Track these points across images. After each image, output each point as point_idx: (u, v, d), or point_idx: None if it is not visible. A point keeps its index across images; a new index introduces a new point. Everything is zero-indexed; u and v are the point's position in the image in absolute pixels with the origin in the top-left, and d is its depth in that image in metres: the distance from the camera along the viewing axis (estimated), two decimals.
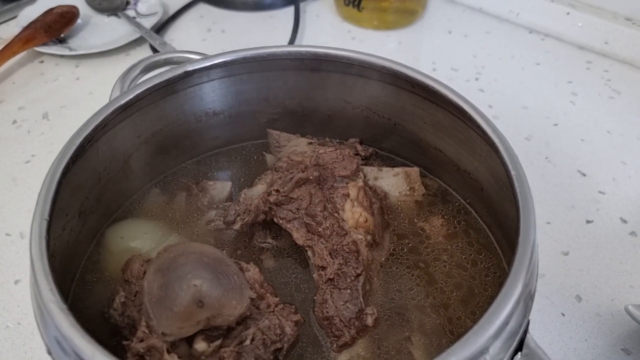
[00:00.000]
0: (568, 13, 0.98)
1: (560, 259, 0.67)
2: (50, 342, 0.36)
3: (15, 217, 0.72)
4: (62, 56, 0.97)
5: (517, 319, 0.36)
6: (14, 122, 0.86)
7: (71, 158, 0.45)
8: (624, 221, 0.71)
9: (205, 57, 0.55)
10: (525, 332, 0.38)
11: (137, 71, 0.58)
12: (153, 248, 0.54)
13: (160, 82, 0.53)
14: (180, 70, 0.53)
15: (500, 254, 0.54)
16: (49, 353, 0.36)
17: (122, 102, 0.49)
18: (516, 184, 0.42)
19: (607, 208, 0.73)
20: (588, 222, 0.71)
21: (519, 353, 0.38)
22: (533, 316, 0.58)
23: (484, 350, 0.33)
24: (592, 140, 0.82)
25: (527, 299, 0.38)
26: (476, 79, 0.92)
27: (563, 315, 0.62)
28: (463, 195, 0.58)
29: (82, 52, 0.96)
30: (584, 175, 0.77)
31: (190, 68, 0.53)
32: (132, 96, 0.50)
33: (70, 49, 0.96)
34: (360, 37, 1.03)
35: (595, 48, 0.97)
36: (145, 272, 0.46)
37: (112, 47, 0.96)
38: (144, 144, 0.56)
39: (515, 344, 0.36)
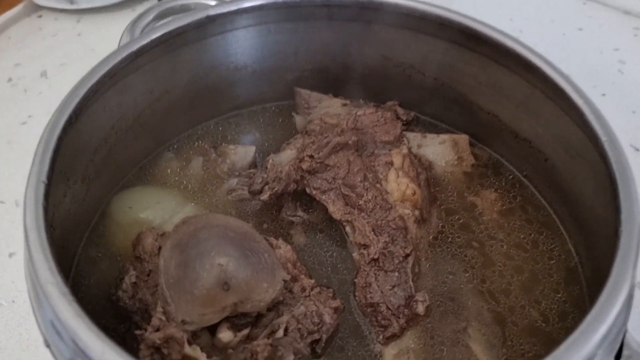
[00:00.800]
0: None
1: None
2: (46, 328, 0.29)
3: (9, 184, 0.65)
4: (62, 10, 0.89)
5: (622, 319, 0.29)
6: (9, 80, 0.79)
7: (74, 112, 0.38)
8: None
9: (230, 1, 0.47)
10: (625, 332, 0.31)
11: (150, 17, 0.51)
12: (166, 220, 0.47)
13: (177, 28, 0.45)
14: (200, 15, 0.45)
15: (564, 234, 0.47)
16: (47, 345, 0.30)
17: (133, 48, 0.42)
18: (609, 152, 0.35)
19: None
20: None
21: (620, 354, 0.31)
22: None
23: (590, 358, 0.27)
24: None
25: (631, 295, 0.31)
26: (520, 31, 0.85)
27: None
28: (519, 166, 0.51)
29: (84, 5, 0.88)
30: (637, 150, 0.70)
31: (212, 13, 0.46)
32: (144, 42, 0.42)
33: (72, 2, 0.88)
34: None
35: None
36: (160, 248, 0.39)
37: (117, 1, 0.88)
38: (157, 101, 0.49)
39: (617, 346, 0.30)
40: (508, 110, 0.49)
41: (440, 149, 0.53)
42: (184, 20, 0.45)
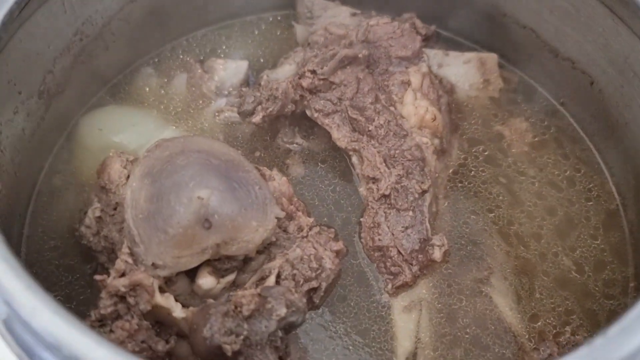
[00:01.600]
0: None
1: None
2: None
3: None
4: None
5: None
6: None
7: (16, 3, 0.30)
8: None
9: None
10: None
11: None
12: (142, 145, 0.40)
13: None
14: None
15: (605, 172, 0.41)
16: None
17: None
18: None
19: None
20: None
21: None
22: None
23: None
24: None
25: None
26: None
27: None
28: (555, 93, 0.44)
29: None
30: None
31: None
32: None
33: None
34: None
35: None
36: (128, 176, 0.32)
37: None
38: (131, 2, 0.41)
39: None
40: (550, 23, 0.42)
41: (464, 70, 0.45)
42: None
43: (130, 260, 0.29)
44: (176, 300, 0.30)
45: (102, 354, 0.19)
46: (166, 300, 0.29)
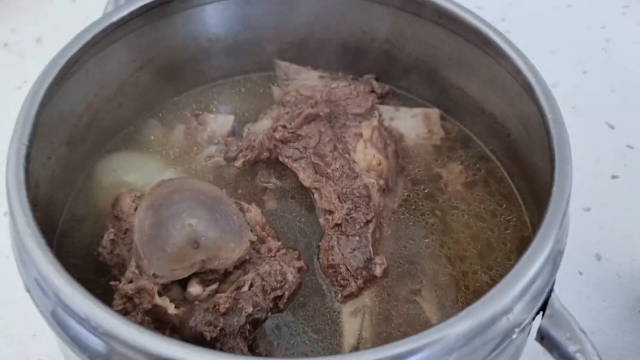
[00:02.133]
0: None
1: (582, 214, 0.63)
2: (28, 280, 0.32)
3: (3, 146, 0.68)
4: None
5: (544, 278, 0.33)
6: (5, 45, 0.81)
7: (55, 79, 0.40)
8: None
9: None
10: (550, 291, 0.35)
11: None
12: (148, 183, 0.50)
13: (154, 1, 0.47)
14: None
15: (522, 206, 0.50)
16: (28, 291, 0.33)
17: (115, 18, 0.44)
18: (553, 130, 0.37)
19: (635, 163, 0.68)
20: (613, 177, 0.67)
21: (541, 313, 0.34)
22: None
23: (507, 311, 0.30)
24: (623, 90, 0.77)
25: (557, 256, 0.34)
26: (502, 19, 0.86)
27: (581, 273, 0.59)
28: (485, 141, 0.54)
29: None
30: (612, 127, 0.73)
31: None
32: (125, 13, 0.45)
33: None
34: None
35: None
36: (136, 208, 0.42)
37: None
38: (140, 69, 0.52)
39: (539, 304, 0.33)
40: (476, 86, 0.51)
41: (411, 122, 0.55)
42: None
43: (136, 272, 0.39)
44: (171, 302, 0.39)
45: (126, 329, 0.28)
46: (163, 301, 0.38)
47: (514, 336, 0.31)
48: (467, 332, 0.28)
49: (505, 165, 0.52)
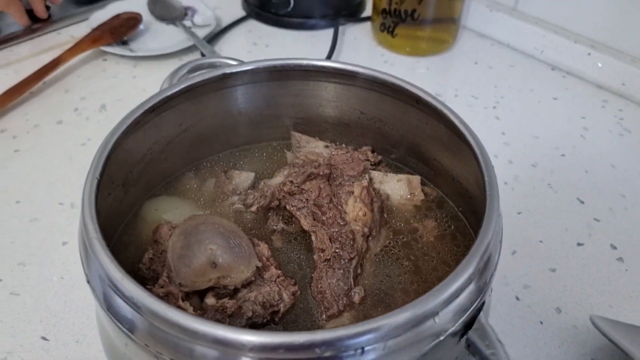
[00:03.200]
0: (589, 54, 1.04)
1: (547, 274, 0.73)
2: (90, 272, 0.45)
3: (68, 190, 0.83)
4: (123, 56, 1.09)
5: (469, 296, 0.43)
6: (76, 109, 0.98)
7: (123, 133, 0.54)
8: (614, 247, 0.76)
9: (242, 63, 0.64)
10: (479, 311, 0.45)
11: (185, 70, 0.68)
12: (181, 220, 0.63)
13: (201, 81, 0.62)
14: (218, 72, 0.62)
15: None
16: (88, 281, 0.45)
17: (169, 93, 0.59)
18: (488, 192, 0.49)
19: (599, 234, 0.78)
20: (579, 244, 0.77)
21: (471, 327, 0.44)
22: (513, 320, 0.65)
23: (433, 313, 0.41)
24: (595, 172, 0.88)
25: (481, 282, 0.44)
26: (494, 107, 0.99)
27: (541, 323, 0.67)
28: (456, 203, 0.65)
29: (140, 54, 1.07)
30: (582, 202, 0.83)
31: (227, 71, 0.62)
32: (177, 89, 0.59)
33: (131, 51, 1.08)
34: (392, 60, 1.12)
35: (613, 88, 1.03)
36: (171, 235, 0.55)
37: (167, 52, 1.08)
38: (184, 132, 0.66)
39: (465, 317, 0.43)
40: (447, 158, 0.64)
41: (397, 186, 0.67)
42: (206, 76, 0.62)
43: (167, 280, 0.51)
44: (190, 305, 0.50)
45: (160, 305, 0.40)
46: (184, 304, 0.50)
47: (442, 338, 0.42)
48: (401, 324, 0.39)
49: (470, 223, 0.63)
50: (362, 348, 0.39)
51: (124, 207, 0.62)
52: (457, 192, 0.64)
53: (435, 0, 1.04)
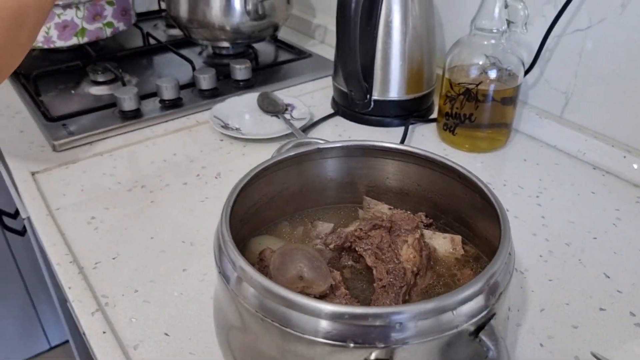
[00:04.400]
0: (625, 157, 1.21)
1: (570, 329, 0.87)
2: (222, 264, 0.67)
3: (189, 233, 1.08)
4: (235, 138, 1.38)
5: (480, 302, 0.61)
6: (197, 175, 1.25)
7: (247, 182, 0.78)
8: (633, 314, 0.89)
9: (331, 142, 0.88)
10: (489, 319, 0.62)
11: (290, 145, 0.93)
12: None
13: (302, 152, 0.86)
14: (314, 147, 0.86)
15: None
16: (219, 272, 0.68)
17: (279, 158, 0.83)
18: (502, 227, 0.68)
19: (621, 302, 0.92)
20: (601, 309, 0.91)
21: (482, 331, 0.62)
22: None
23: (452, 307, 0.59)
24: (623, 253, 1.02)
25: (490, 295, 0.62)
26: (537, 196, 1.17)
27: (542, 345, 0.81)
28: (489, 258, 0.83)
29: (249, 136, 1.36)
30: (608, 277, 0.97)
31: (321, 147, 0.87)
32: (285, 156, 0.84)
33: (242, 134, 1.37)
34: (452, 155, 1.33)
35: None
36: (272, 255, 0.77)
37: (271, 137, 1.35)
38: (285, 189, 0.89)
39: (477, 319, 0.61)
40: (481, 222, 0.83)
41: (442, 242, 0.86)
42: (306, 149, 0.86)
43: None
44: None
45: (274, 285, 0.61)
46: None
47: (459, 329, 0.60)
48: (428, 310, 0.57)
49: None
50: (400, 323, 0.57)
51: (238, 238, 0.85)
52: (490, 250, 0.82)
53: (490, 107, 1.26)
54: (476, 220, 0.85)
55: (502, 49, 1.25)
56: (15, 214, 1.80)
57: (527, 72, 1.31)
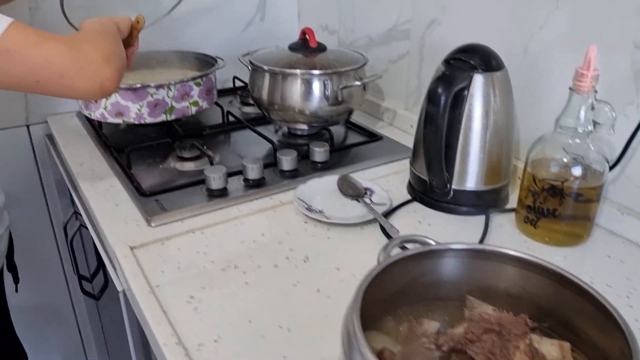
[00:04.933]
0: None
1: None
2: (351, 354, 0.70)
3: (285, 317, 1.11)
4: (319, 221, 1.43)
5: None
6: (287, 257, 1.30)
7: (373, 278, 0.83)
8: None
9: (442, 244, 0.92)
10: None
11: (395, 243, 0.97)
12: (385, 345, 0.88)
13: (412, 254, 0.91)
14: (427, 248, 0.91)
15: None
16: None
17: (396, 259, 0.88)
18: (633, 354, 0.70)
19: None
20: None
21: None
22: None
23: None
24: None
25: None
26: (627, 297, 1.18)
27: None
28: None
29: (333, 221, 1.41)
30: None
31: (433, 248, 0.91)
32: (401, 257, 0.88)
33: (327, 218, 1.42)
34: (533, 247, 1.35)
35: None
36: (392, 357, 0.80)
37: (352, 222, 1.40)
38: (393, 287, 0.93)
39: None
40: (592, 330, 0.84)
41: (550, 348, 0.88)
42: (417, 251, 0.90)
43: None
44: None
45: None
46: None
47: None
48: None
49: None
50: None
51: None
52: (602, 358, 0.84)
53: (574, 203, 1.30)
54: (584, 326, 0.86)
55: (586, 147, 1.29)
56: (92, 277, 1.87)
57: (610, 169, 1.35)
